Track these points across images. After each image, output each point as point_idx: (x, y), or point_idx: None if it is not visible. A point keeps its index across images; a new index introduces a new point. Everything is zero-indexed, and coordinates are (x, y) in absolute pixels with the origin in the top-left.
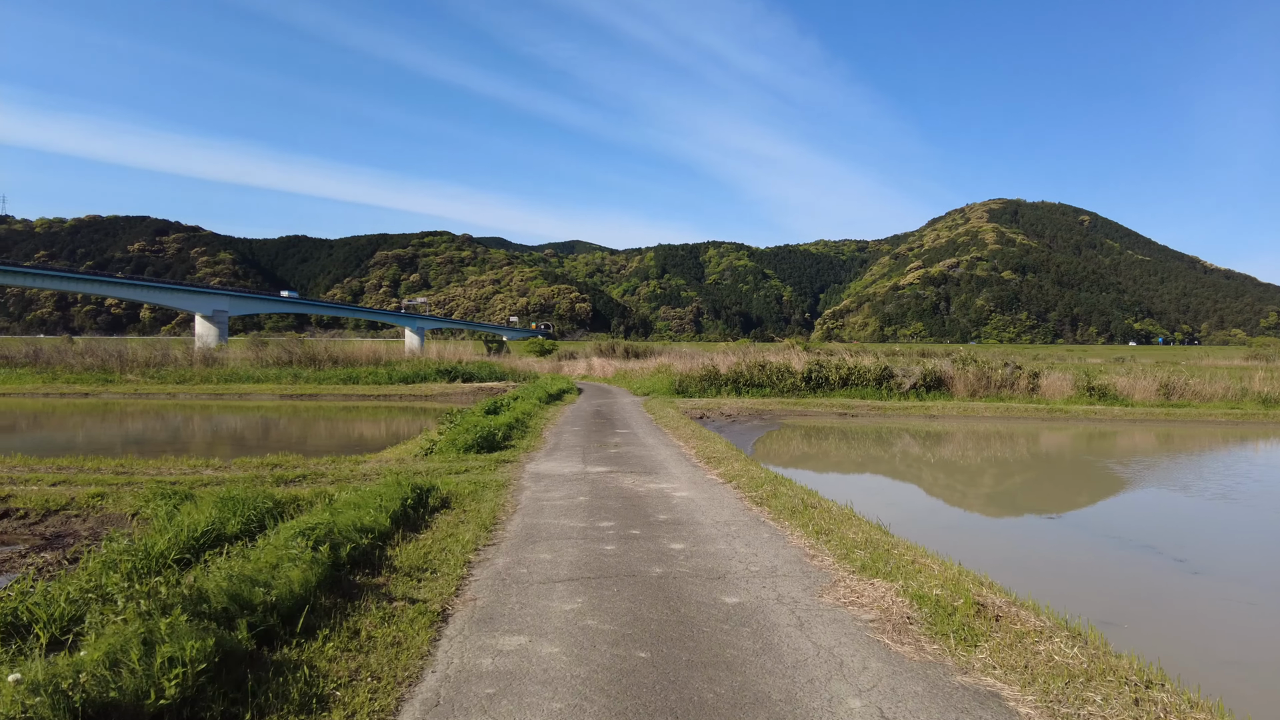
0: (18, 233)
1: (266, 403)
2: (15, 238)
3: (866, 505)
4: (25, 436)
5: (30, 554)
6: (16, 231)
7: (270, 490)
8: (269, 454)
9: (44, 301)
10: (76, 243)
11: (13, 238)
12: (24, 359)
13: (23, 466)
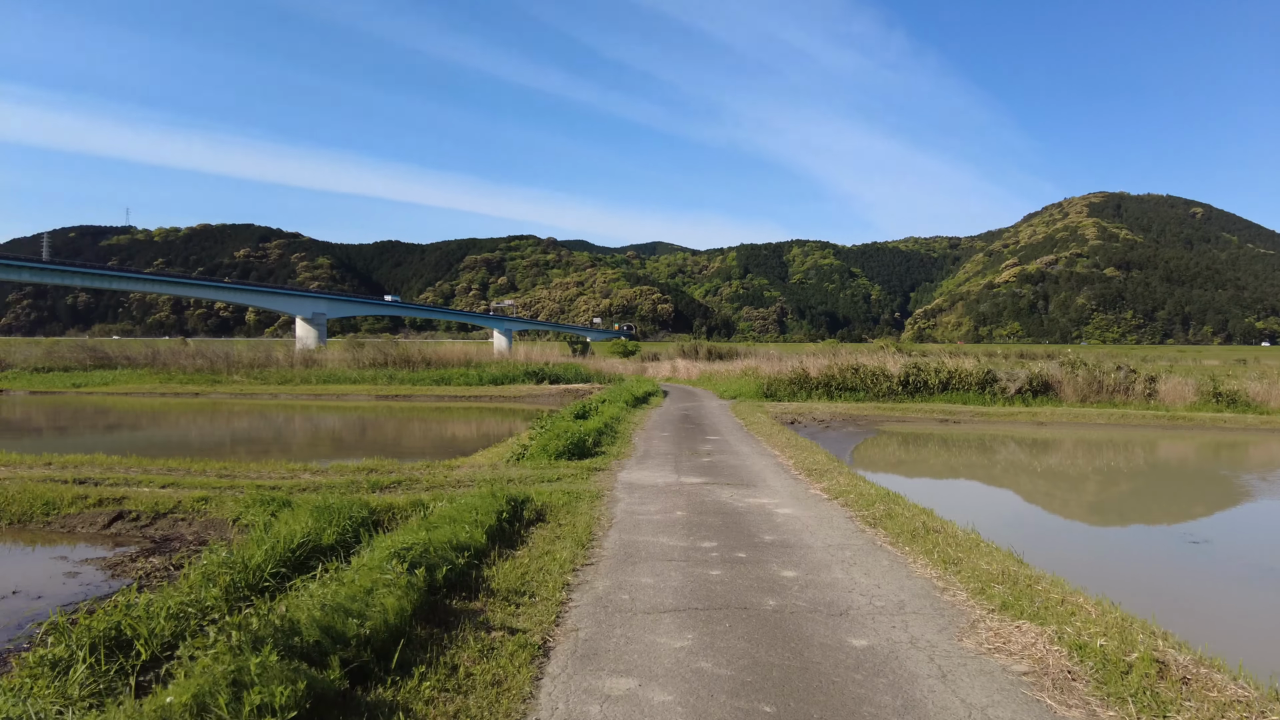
0: (140, 242)
1: (363, 403)
2: (137, 247)
3: (988, 526)
4: (143, 434)
5: (140, 558)
6: (139, 241)
7: (365, 498)
8: (365, 456)
9: (162, 306)
10: (189, 250)
11: (135, 247)
12: (144, 360)
13: (137, 468)
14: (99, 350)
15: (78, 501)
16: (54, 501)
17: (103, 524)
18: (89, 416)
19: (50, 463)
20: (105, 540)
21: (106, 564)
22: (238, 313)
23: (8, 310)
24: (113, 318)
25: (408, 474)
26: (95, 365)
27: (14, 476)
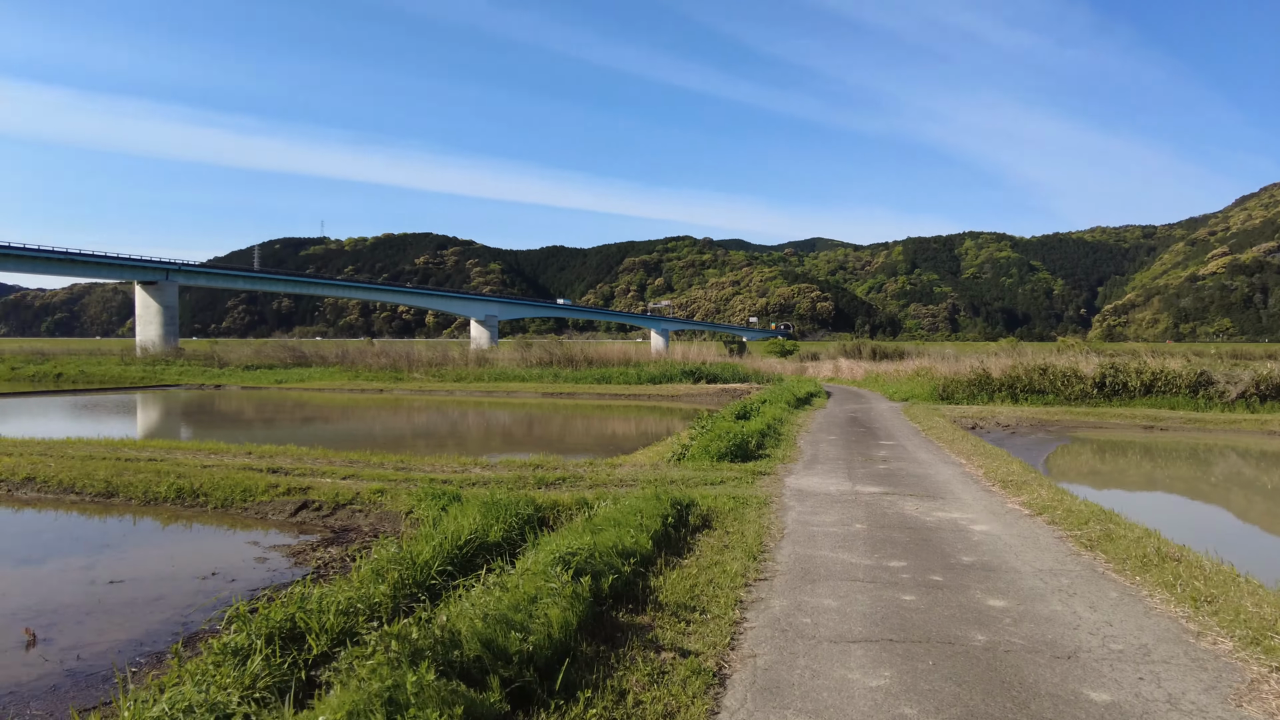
0: (333, 251)
1: (530, 400)
2: (330, 256)
3: (1225, 555)
4: (332, 427)
5: (320, 547)
6: (332, 250)
7: (532, 494)
8: (532, 451)
9: (352, 309)
10: (375, 258)
11: (329, 256)
12: (335, 358)
13: (323, 459)
14: (298, 350)
15: (270, 490)
16: (251, 489)
17: (290, 512)
18: (288, 410)
19: (250, 452)
20: (292, 528)
21: (291, 551)
22: (418, 315)
23: (227, 314)
24: (310, 320)
25: (572, 471)
26: (295, 363)
27: (220, 465)
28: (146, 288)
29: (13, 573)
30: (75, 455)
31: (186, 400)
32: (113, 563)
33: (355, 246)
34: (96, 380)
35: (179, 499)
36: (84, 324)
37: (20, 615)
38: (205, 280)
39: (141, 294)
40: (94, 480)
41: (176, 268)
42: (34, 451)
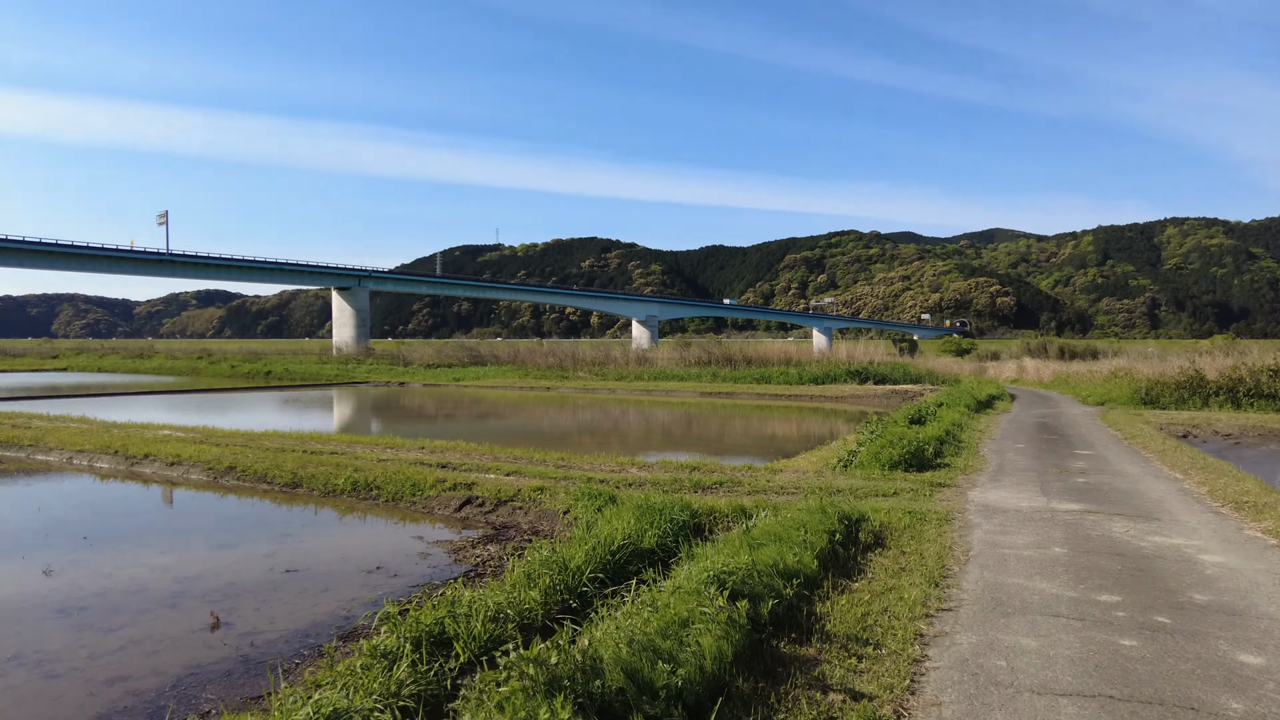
0: (506, 257)
1: (689, 399)
2: (504, 261)
3: None
4: (502, 422)
5: (479, 544)
6: (505, 256)
7: (687, 499)
8: (690, 451)
9: (523, 311)
10: (545, 263)
11: (503, 261)
12: (507, 358)
13: (489, 455)
14: (474, 350)
15: (437, 485)
16: (419, 484)
17: (455, 507)
18: (463, 405)
19: (423, 447)
20: (455, 523)
21: (452, 547)
22: (583, 316)
23: (413, 317)
24: (487, 322)
25: (730, 475)
26: (471, 362)
27: (394, 459)
28: (342, 293)
29: (210, 555)
30: (270, 447)
31: (374, 396)
32: (291, 551)
33: (527, 252)
34: (298, 377)
35: (354, 491)
36: (291, 326)
37: (210, 597)
38: (392, 286)
39: (337, 299)
40: (283, 471)
41: (367, 274)
42: (237, 443)
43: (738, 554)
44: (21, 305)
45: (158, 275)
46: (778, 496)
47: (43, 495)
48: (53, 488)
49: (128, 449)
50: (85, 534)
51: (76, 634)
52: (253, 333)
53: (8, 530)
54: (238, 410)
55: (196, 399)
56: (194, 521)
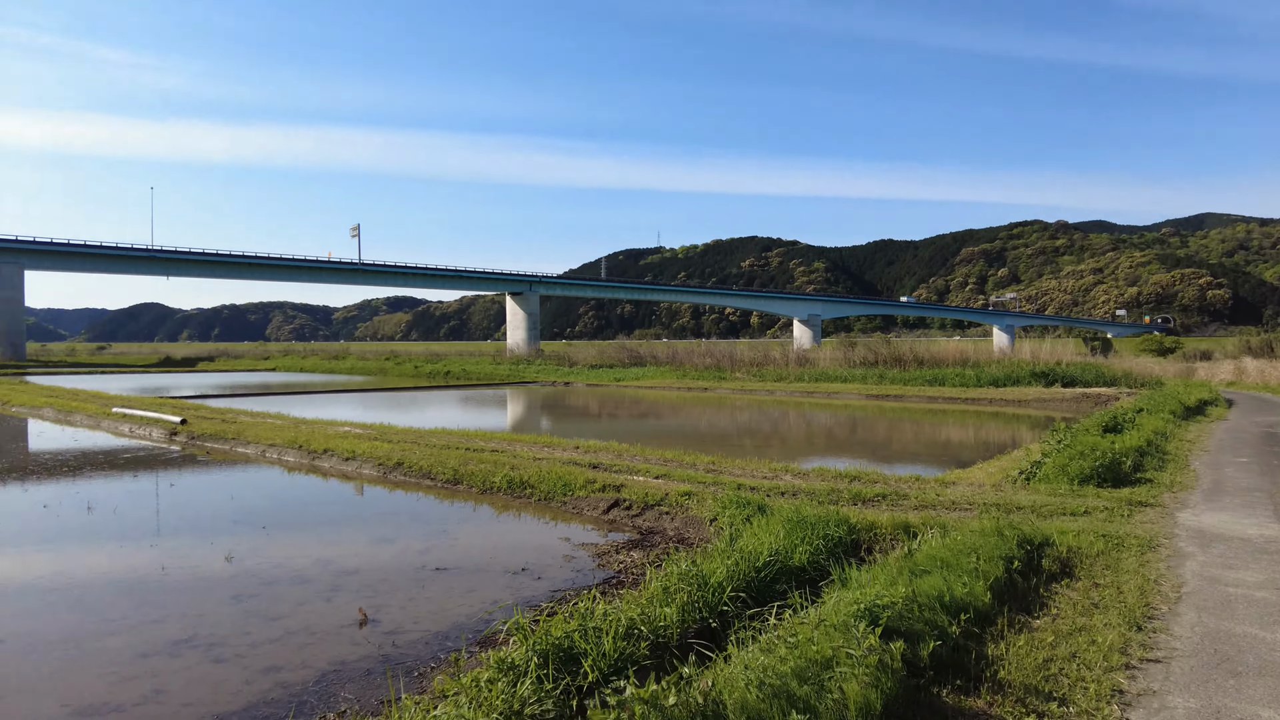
0: (667, 259)
1: (853, 401)
2: (665, 264)
3: None
4: (658, 423)
5: (623, 550)
6: (666, 258)
7: (844, 512)
8: (851, 457)
9: (683, 313)
10: (705, 263)
11: (664, 264)
12: (665, 358)
13: (639, 456)
14: (634, 351)
15: (587, 486)
16: (570, 484)
17: (602, 509)
18: (623, 405)
19: (578, 446)
20: (602, 525)
21: (597, 551)
22: (743, 316)
23: (579, 320)
24: (648, 324)
25: (894, 487)
26: (631, 363)
27: (549, 458)
28: (514, 298)
29: (369, 549)
30: (436, 444)
31: (541, 395)
32: (443, 549)
33: (687, 254)
34: (474, 376)
35: (510, 490)
36: (470, 329)
37: (363, 593)
38: (560, 290)
39: (510, 303)
40: (445, 468)
41: (537, 279)
42: (407, 440)
43: (896, 581)
44: (243, 313)
45: (352, 283)
46: (948, 513)
47: (236, 484)
48: (246, 478)
49: (310, 444)
50: (265, 524)
51: (244, 620)
52: (436, 335)
53: (204, 515)
54: (415, 408)
55: (381, 397)
56: (359, 516)
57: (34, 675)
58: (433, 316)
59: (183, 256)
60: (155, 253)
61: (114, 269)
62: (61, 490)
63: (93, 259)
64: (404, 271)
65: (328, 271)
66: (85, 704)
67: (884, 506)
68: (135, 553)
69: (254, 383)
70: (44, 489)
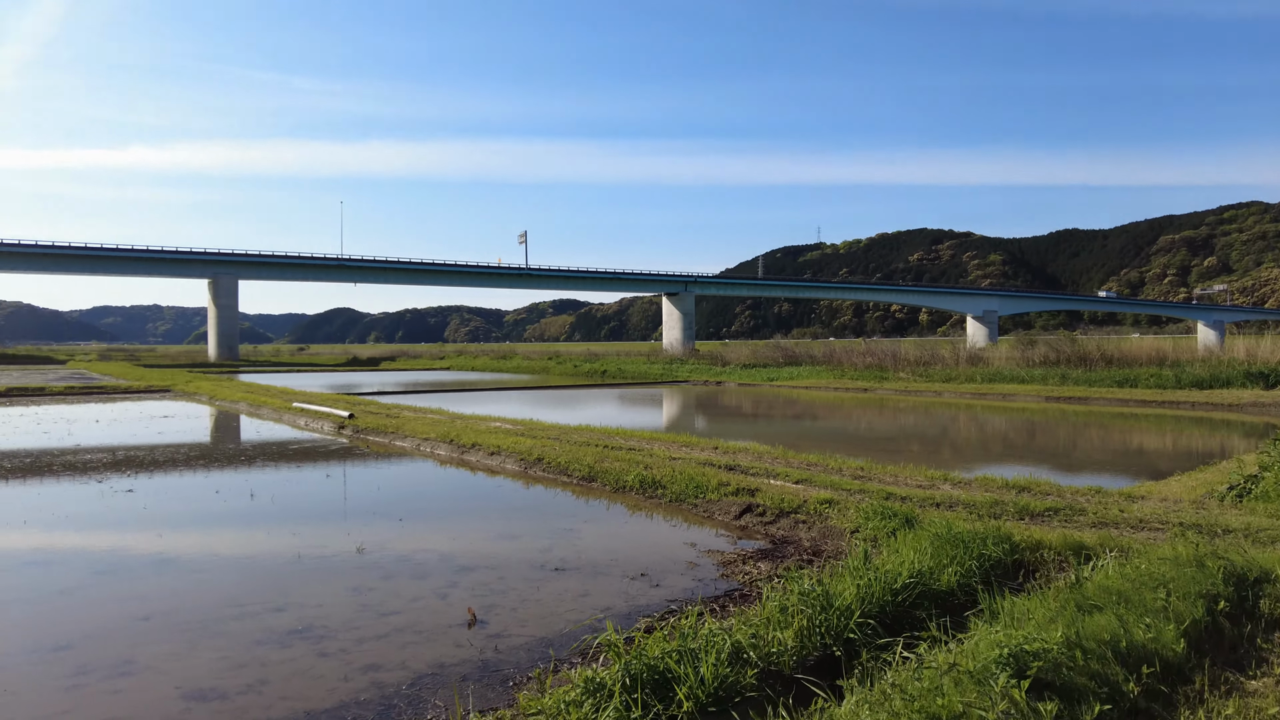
0: (828, 255)
1: (1029, 404)
2: (825, 260)
3: None
4: (807, 424)
5: (750, 560)
6: (827, 254)
7: (1007, 527)
8: (1023, 465)
9: (845, 310)
10: (869, 259)
11: (824, 260)
12: (821, 358)
13: (780, 459)
14: (787, 350)
15: (720, 488)
16: (703, 485)
17: (734, 514)
18: (774, 405)
19: (716, 447)
20: (733, 531)
21: (723, 560)
22: (911, 314)
23: (735, 319)
24: (806, 323)
25: (1068, 500)
26: (786, 362)
27: (685, 458)
28: (670, 298)
29: (492, 545)
30: (577, 441)
31: (691, 394)
32: (565, 548)
33: (849, 249)
34: (629, 376)
35: (641, 489)
36: (629, 330)
37: (478, 591)
38: (715, 290)
39: (666, 304)
40: (581, 465)
41: (693, 279)
42: (550, 436)
43: (1056, 619)
44: (423, 316)
45: (519, 287)
46: (1132, 533)
47: (385, 476)
48: (396, 470)
49: (460, 439)
50: (402, 515)
51: (358, 614)
52: (596, 336)
53: (349, 506)
54: (569, 405)
55: (540, 394)
56: (491, 510)
57: (163, 654)
58: (594, 318)
59: (367, 265)
60: (344, 262)
61: (309, 277)
62: (234, 478)
63: (291, 268)
64: (566, 275)
65: (497, 276)
66: (195, 688)
67: (1055, 523)
68: (278, 540)
69: (427, 380)
70: (220, 476)
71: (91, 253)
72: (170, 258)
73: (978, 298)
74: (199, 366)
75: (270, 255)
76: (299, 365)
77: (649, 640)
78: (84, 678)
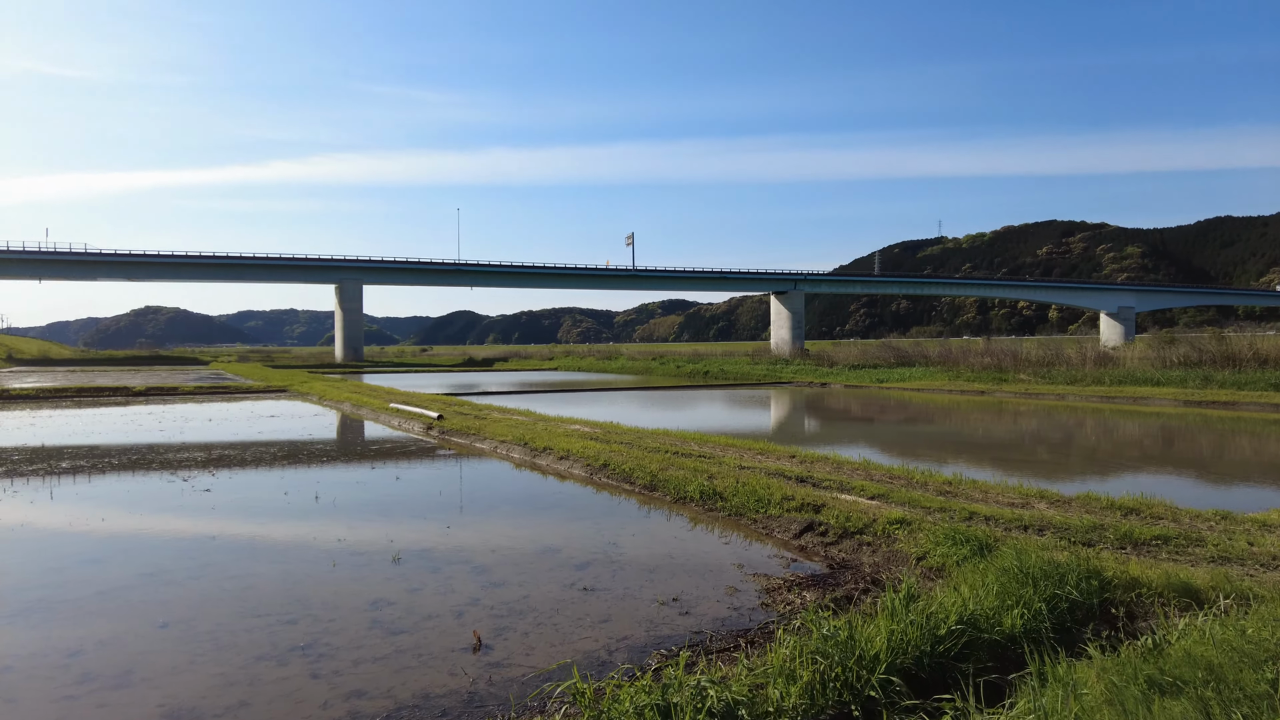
0: (949, 250)
1: (1165, 409)
2: (947, 255)
3: None
4: (906, 429)
5: (799, 588)
6: (948, 249)
7: (1096, 560)
8: (1143, 478)
9: (968, 308)
10: (993, 253)
11: (945, 255)
12: (936, 358)
13: (860, 470)
14: (900, 350)
15: (784, 503)
16: (765, 499)
17: (794, 532)
18: (876, 408)
19: (794, 455)
20: (791, 550)
21: (767, 586)
22: (1039, 311)
23: (850, 318)
24: (926, 321)
25: (1185, 525)
26: (897, 363)
27: (757, 466)
28: (778, 297)
29: (528, 559)
30: (648, 446)
31: (791, 396)
32: (603, 565)
33: (972, 243)
34: (731, 376)
35: (702, 500)
36: (738, 330)
37: (497, 611)
38: (826, 288)
39: (774, 303)
40: (645, 472)
41: (802, 277)
42: (624, 440)
43: (1115, 700)
44: (538, 319)
45: (625, 288)
46: (1261, 572)
47: (453, 479)
48: (467, 472)
49: (534, 442)
50: (450, 523)
51: (367, 632)
52: (705, 336)
53: (406, 510)
54: (661, 407)
55: (636, 395)
56: (541, 519)
57: (163, 667)
58: (702, 318)
59: (480, 269)
60: (460, 266)
61: (426, 281)
62: (307, 477)
63: (410, 273)
64: (671, 275)
65: (603, 278)
66: (177, 706)
67: (1162, 554)
68: (322, 545)
69: (533, 380)
70: (296, 475)
71: (229, 261)
72: (299, 264)
73: (1111, 293)
74: (325, 367)
75: (390, 261)
76: (418, 366)
77: (624, 690)
78: (81, 687)
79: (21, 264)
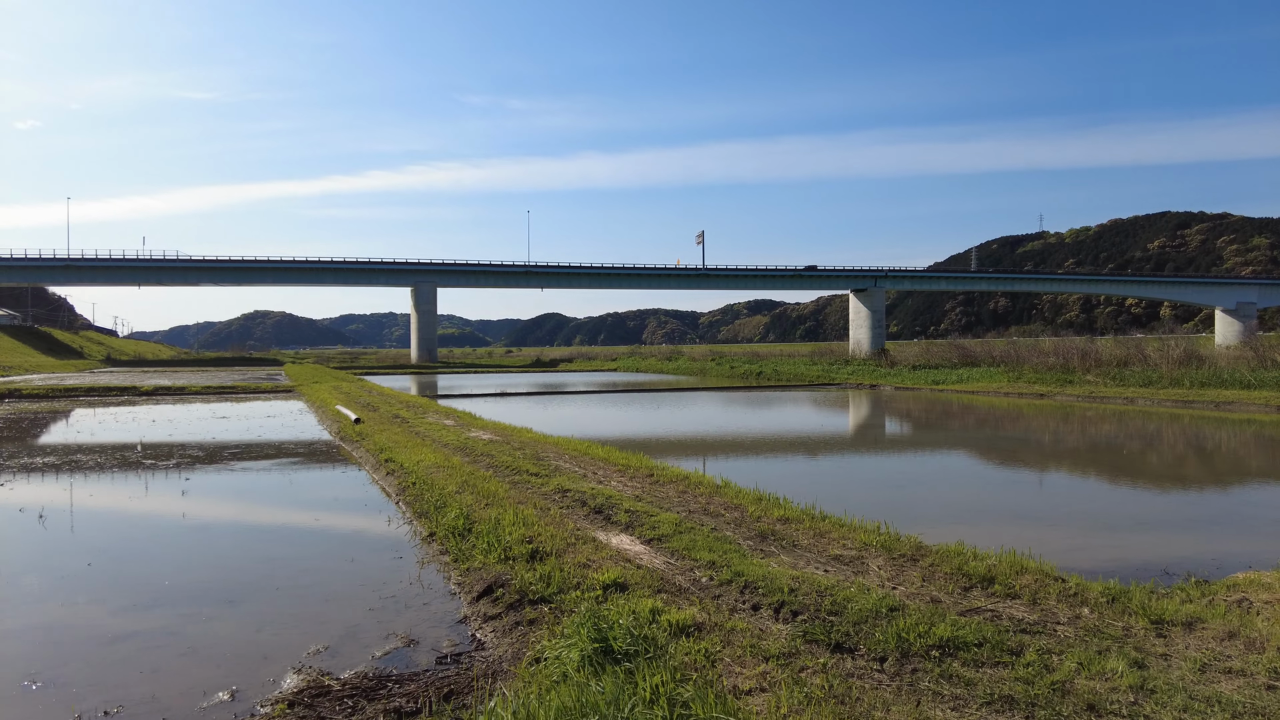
0: (1051, 245)
1: (1256, 415)
2: (1049, 250)
3: None
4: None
5: None
6: (1050, 244)
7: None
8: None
9: (1071, 305)
10: (1099, 247)
11: (1047, 250)
12: (1002, 357)
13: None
14: (965, 349)
15: (522, 544)
16: (499, 538)
17: (476, 593)
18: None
19: (653, 474)
20: (465, 617)
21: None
22: (1150, 309)
23: (945, 316)
24: (1026, 319)
25: (1046, 610)
26: (962, 363)
27: (578, 490)
28: (858, 295)
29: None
30: (500, 463)
31: (831, 399)
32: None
33: (1076, 238)
34: (784, 377)
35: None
36: (825, 330)
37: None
38: (911, 284)
39: (853, 301)
40: (429, 503)
41: (883, 274)
42: (487, 453)
43: None
44: (623, 320)
45: (695, 288)
46: None
47: (240, 487)
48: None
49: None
50: (167, 582)
51: None
52: (791, 337)
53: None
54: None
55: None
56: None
57: None
58: (788, 318)
59: (548, 270)
60: (530, 268)
61: (497, 283)
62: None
63: (481, 275)
64: (741, 274)
65: (672, 277)
66: None
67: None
68: None
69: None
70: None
71: (307, 266)
72: (375, 268)
73: (1229, 287)
74: (399, 368)
75: (462, 264)
76: (484, 367)
77: None
78: None
79: (126, 271)
